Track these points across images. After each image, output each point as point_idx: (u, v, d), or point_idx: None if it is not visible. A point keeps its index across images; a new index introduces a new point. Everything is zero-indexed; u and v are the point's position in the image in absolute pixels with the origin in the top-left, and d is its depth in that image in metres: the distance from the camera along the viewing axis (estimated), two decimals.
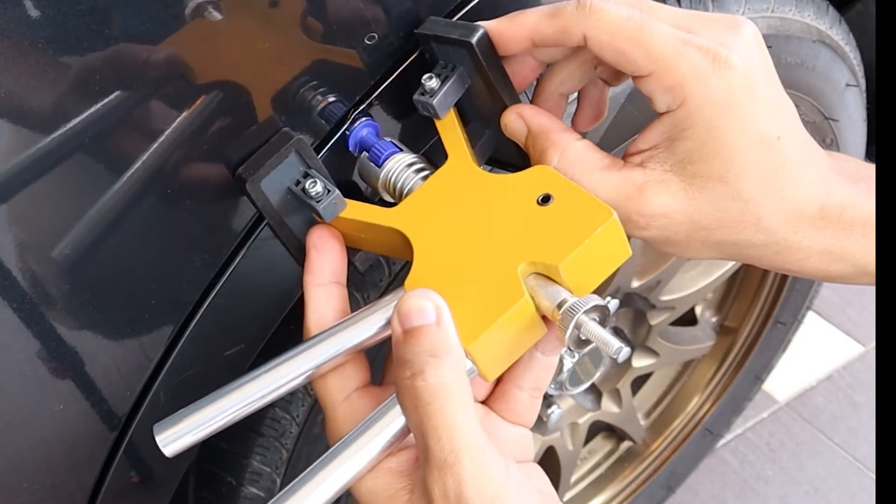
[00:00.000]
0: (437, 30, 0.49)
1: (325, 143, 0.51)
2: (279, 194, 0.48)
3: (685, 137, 0.45)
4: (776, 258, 0.48)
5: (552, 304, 0.41)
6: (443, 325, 0.41)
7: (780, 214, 0.46)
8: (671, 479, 1.28)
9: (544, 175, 0.45)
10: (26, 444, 0.50)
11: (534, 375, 0.46)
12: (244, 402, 0.45)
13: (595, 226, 0.42)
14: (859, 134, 0.95)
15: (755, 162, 0.45)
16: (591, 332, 0.40)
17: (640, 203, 0.45)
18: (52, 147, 0.42)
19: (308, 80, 0.48)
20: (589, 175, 0.46)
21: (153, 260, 0.48)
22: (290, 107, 0.48)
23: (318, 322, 0.47)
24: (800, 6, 0.76)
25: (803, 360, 1.66)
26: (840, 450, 1.54)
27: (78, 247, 0.45)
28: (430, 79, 0.49)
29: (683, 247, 0.48)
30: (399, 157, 0.50)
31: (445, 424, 0.39)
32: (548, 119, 0.49)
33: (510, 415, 0.47)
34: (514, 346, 0.43)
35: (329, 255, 0.48)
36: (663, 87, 0.44)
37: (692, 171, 0.45)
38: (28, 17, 0.39)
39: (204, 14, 0.43)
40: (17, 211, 0.43)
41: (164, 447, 0.45)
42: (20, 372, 0.47)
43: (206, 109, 0.45)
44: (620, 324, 1.08)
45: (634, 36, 0.44)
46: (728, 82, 0.44)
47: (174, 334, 0.51)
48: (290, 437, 0.66)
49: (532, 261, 0.42)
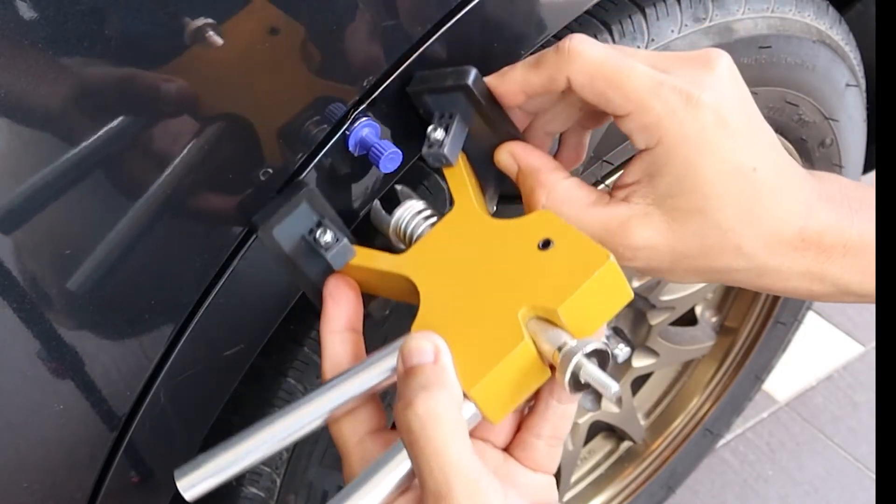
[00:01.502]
0: (428, 82, 0.50)
1: (325, 142, 0.51)
2: (293, 241, 0.50)
3: (664, 174, 0.47)
4: (759, 280, 0.50)
5: (553, 347, 0.42)
6: (440, 363, 0.42)
7: (758, 240, 0.48)
8: (671, 479, 1.28)
9: (545, 220, 0.46)
10: (26, 444, 0.50)
11: (551, 424, 0.46)
12: (262, 447, 0.47)
13: (592, 269, 0.43)
14: (859, 134, 0.95)
15: (731, 193, 0.46)
16: (589, 374, 0.41)
17: (626, 237, 0.48)
18: (53, 147, 0.42)
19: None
20: (576, 213, 0.49)
21: (153, 260, 0.48)
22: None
23: (333, 367, 0.49)
24: (800, 6, 0.76)
25: (803, 360, 1.65)
26: (840, 450, 1.54)
27: (78, 247, 0.45)
28: (434, 130, 0.51)
29: (668, 273, 0.50)
30: (409, 205, 0.52)
31: (435, 454, 0.39)
32: (537, 158, 0.51)
33: (530, 462, 0.47)
34: (517, 389, 0.43)
35: (345, 304, 0.50)
36: (640, 127, 0.46)
37: (672, 205, 0.47)
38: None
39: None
40: (18, 211, 0.43)
41: (185, 492, 0.46)
42: (20, 372, 0.47)
43: (206, 107, 0.45)
44: (620, 324, 1.08)
45: (613, 77, 0.46)
46: (701, 121, 0.46)
47: (174, 334, 0.51)
48: None
49: (532, 304, 0.43)
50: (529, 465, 0.47)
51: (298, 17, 0.46)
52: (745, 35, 0.71)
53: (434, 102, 0.51)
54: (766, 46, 0.73)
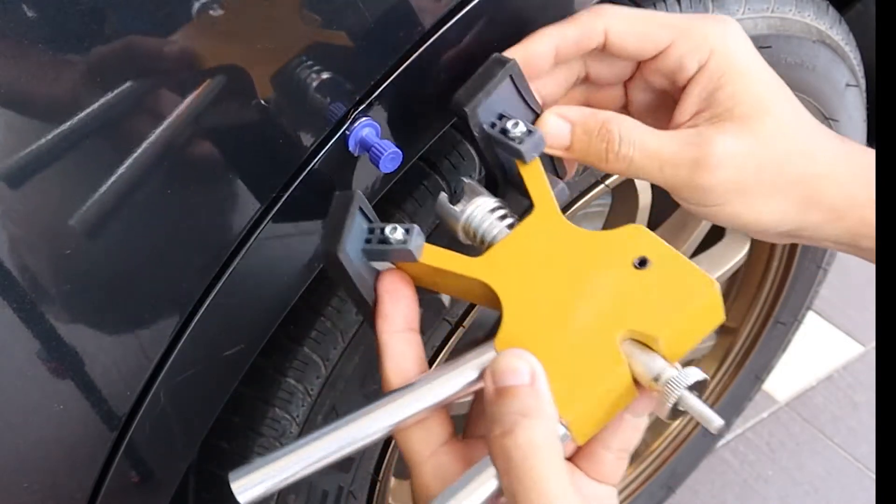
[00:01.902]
0: (475, 90, 0.49)
1: (325, 142, 0.51)
2: (358, 253, 0.47)
3: (724, 83, 0.49)
4: (839, 191, 0.50)
5: (649, 373, 0.41)
6: (536, 387, 0.41)
7: (816, 138, 0.50)
8: (671, 478, 1.27)
9: (638, 235, 0.45)
10: (26, 444, 0.50)
11: (622, 437, 0.45)
12: (322, 455, 0.44)
13: (697, 297, 0.42)
14: (859, 134, 0.95)
15: (782, 95, 0.50)
16: (691, 406, 0.40)
17: (708, 145, 0.48)
18: (53, 146, 0.42)
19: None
20: (652, 135, 0.49)
21: (153, 260, 0.48)
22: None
23: (397, 371, 0.46)
24: (800, 6, 0.76)
25: (803, 360, 1.65)
26: (840, 450, 1.54)
27: (78, 247, 0.45)
28: (514, 126, 0.49)
29: (754, 195, 0.49)
30: (480, 202, 0.49)
31: (535, 487, 0.38)
32: (581, 107, 0.51)
33: (596, 474, 0.46)
34: (607, 412, 0.43)
35: (403, 302, 0.47)
36: (689, 48, 0.49)
37: (742, 112, 0.48)
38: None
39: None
40: (18, 209, 0.43)
41: (239, 495, 0.44)
42: (20, 372, 0.47)
43: (206, 105, 0.45)
44: None
45: (649, 17, 0.50)
46: (736, 36, 0.50)
47: (174, 334, 0.51)
48: (290, 437, 0.66)
49: (631, 328, 0.42)
50: (595, 476, 0.46)
51: (298, 16, 0.46)
52: None
53: (486, 112, 0.49)
54: (766, 46, 0.73)
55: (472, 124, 0.49)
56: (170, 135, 0.45)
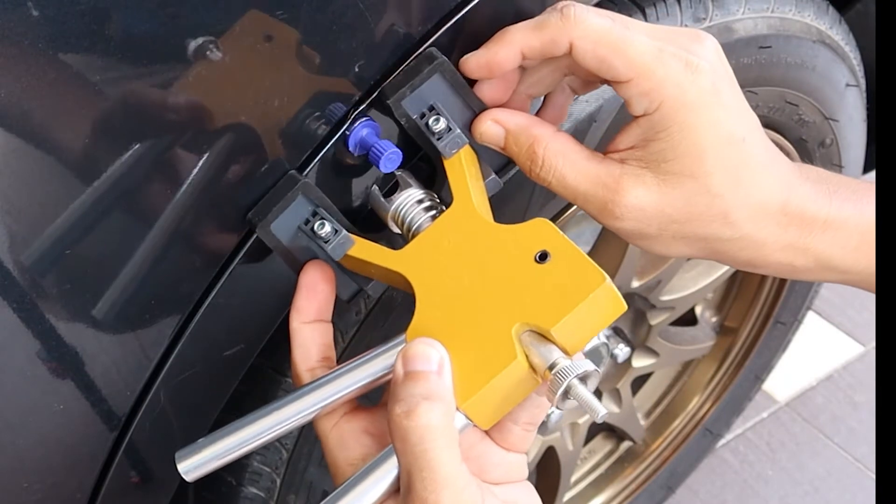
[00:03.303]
0: (402, 84, 0.50)
1: (325, 143, 0.51)
2: (290, 233, 0.50)
3: (660, 139, 0.48)
4: (742, 254, 0.52)
5: (544, 363, 0.43)
6: (442, 375, 0.44)
7: (745, 210, 0.49)
8: (671, 479, 1.27)
9: (543, 229, 0.47)
10: (26, 444, 0.50)
11: (528, 413, 0.48)
12: (262, 433, 0.48)
13: (588, 291, 0.44)
14: (859, 134, 0.95)
15: (723, 160, 0.48)
16: (578, 395, 0.43)
17: (618, 194, 0.49)
18: (54, 146, 0.42)
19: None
20: (572, 164, 0.50)
21: (153, 260, 0.48)
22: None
23: (303, 356, 0.50)
24: (800, 6, 0.76)
25: (803, 360, 1.65)
26: (840, 450, 1.54)
27: (79, 247, 0.45)
28: (436, 122, 0.51)
29: (655, 241, 0.51)
30: (408, 193, 0.51)
31: (430, 466, 0.41)
32: (524, 117, 0.52)
33: (505, 444, 0.49)
34: (507, 399, 0.45)
35: (318, 297, 0.51)
36: (641, 92, 0.48)
37: (666, 168, 0.48)
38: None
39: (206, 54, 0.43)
40: (18, 210, 0.43)
41: (185, 474, 0.48)
42: (20, 372, 0.47)
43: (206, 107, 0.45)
44: (620, 324, 1.08)
45: (617, 45, 0.47)
46: (699, 86, 0.47)
47: (174, 334, 0.51)
48: (289, 437, 0.66)
49: (526, 321, 0.44)
50: (504, 445, 0.48)
51: (298, 17, 0.46)
52: (745, 35, 0.71)
53: (412, 104, 0.51)
54: (766, 46, 0.73)
55: (396, 115, 0.51)
56: (170, 137, 0.45)
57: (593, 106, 0.63)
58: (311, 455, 0.68)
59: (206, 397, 0.57)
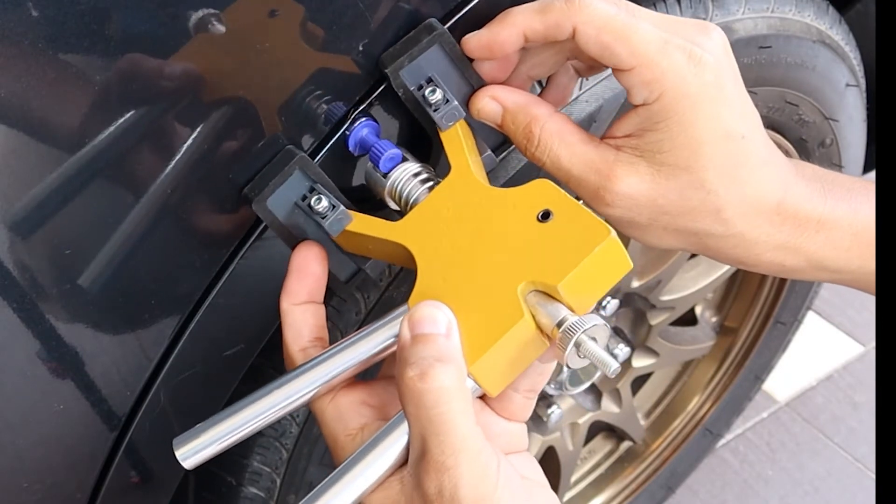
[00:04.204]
0: (400, 53, 0.50)
1: (325, 143, 0.51)
2: (287, 209, 0.49)
3: (658, 129, 0.48)
4: (733, 251, 0.51)
5: (552, 322, 0.42)
6: (451, 338, 0.43)
7: (739, 207, 0.49)
8: (671, 479, 1.27)
9: (544, 189, 0.46)
10: (26, 443, 0.50)
11: (530, 380, 0.47)
12: (260, 416, 0.47)
13: (593, 245, 0.43)
14: (859, 134, 0.95)
15: (720, 155, 0.48)
16: (588, 351, 0.41)
17: (610, 180, 0.48)
18: (54, 147, 0.42)
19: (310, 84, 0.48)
20: (567, 146, 0.49)
21: (153, 260, 0.48)
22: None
23: (294, 337, 0.49)
24: (800, 6, 0.76)
25: (803, 360, 1.65)
26: (840, 450, 1.54)
27: (79, 247, 0.45)
28: (432, 94, 0.50)
29: (645, 230, 0.51)
30: (404, 167, 0.50)
31: (446, 429, 0.40)
32: (522, 95, 0.51)
33: (505, 413, 0.48)
34: (516, 362, 0.44)
35: (308, 279, 0.50)
36: (643, 82, 0.47)
37: (661, 160, 0.48)
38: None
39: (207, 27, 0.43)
40: (19, 211, 0.43)
41: (184, 461, 0.47)
42: (20, 372, 0.47)
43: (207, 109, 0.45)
44: (620, 324, 1.08)
45: (621, 32, 0.47)
46: (702, 80, 0.47)
47: (174, 334, 0.51)
48: (290, 437, 0.66)
49: (532, 279, 0.43)
50: (504, 414, 0.48)
51: (298, 17, 0.46)
52: (745, 35, 0.71)
53: (410, 75, 0.50)
54: (766, 46, 0.73)
55: (394, 85, 0.50)
56: (170, 133, 0.45)
57: (593, 106, 0.63)
58: (311, 455, 0.68)
59: (206, 397, 0.57)
